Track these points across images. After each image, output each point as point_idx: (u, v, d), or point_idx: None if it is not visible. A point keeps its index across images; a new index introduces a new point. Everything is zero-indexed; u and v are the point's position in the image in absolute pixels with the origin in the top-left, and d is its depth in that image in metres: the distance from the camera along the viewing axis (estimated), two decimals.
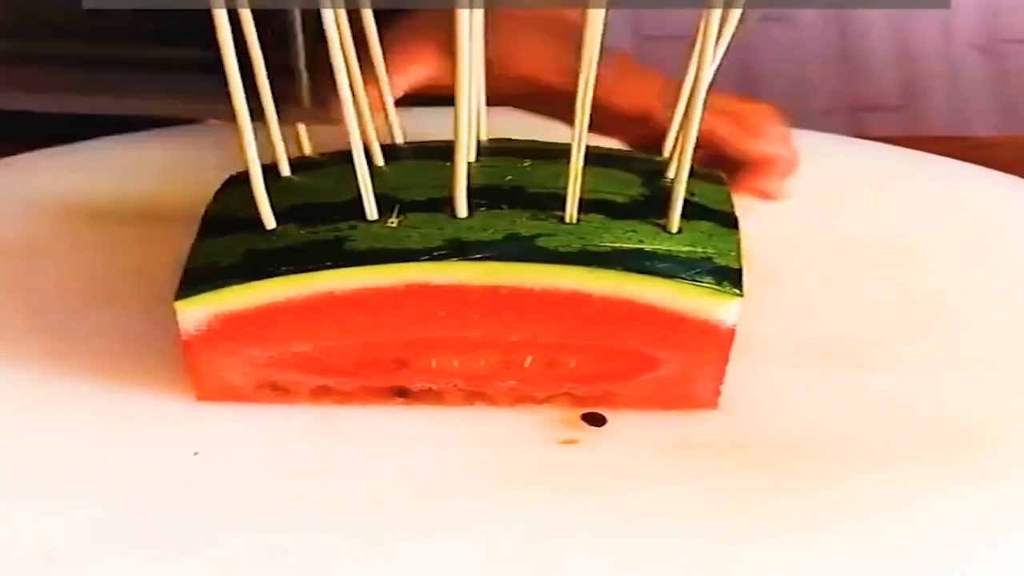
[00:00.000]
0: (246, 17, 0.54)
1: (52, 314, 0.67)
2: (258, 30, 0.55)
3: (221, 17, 0.53)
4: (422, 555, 0.54)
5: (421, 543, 0.55)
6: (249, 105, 0.55)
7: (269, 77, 0.57)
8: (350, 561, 0.54)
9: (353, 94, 0.58)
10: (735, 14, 0.56)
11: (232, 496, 0.57)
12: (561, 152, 0.57)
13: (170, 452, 0.59)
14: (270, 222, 0.58)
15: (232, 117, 0.55)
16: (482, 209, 0.58)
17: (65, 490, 0.58)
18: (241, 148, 0.57)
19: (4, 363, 0.64)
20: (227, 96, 0.54)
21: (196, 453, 0.59)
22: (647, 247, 0.56)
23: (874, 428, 0.62)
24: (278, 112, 0.58)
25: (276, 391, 0.61)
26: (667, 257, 0.56)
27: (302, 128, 0.63)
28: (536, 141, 0.63)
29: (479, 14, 0.57)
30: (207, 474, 0.58)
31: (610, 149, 0.62)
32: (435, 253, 0.56)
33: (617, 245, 0.57)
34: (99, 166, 0.79)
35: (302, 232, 0.58)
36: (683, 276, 0.56)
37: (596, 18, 0.54)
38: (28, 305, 0.68)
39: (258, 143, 0.57)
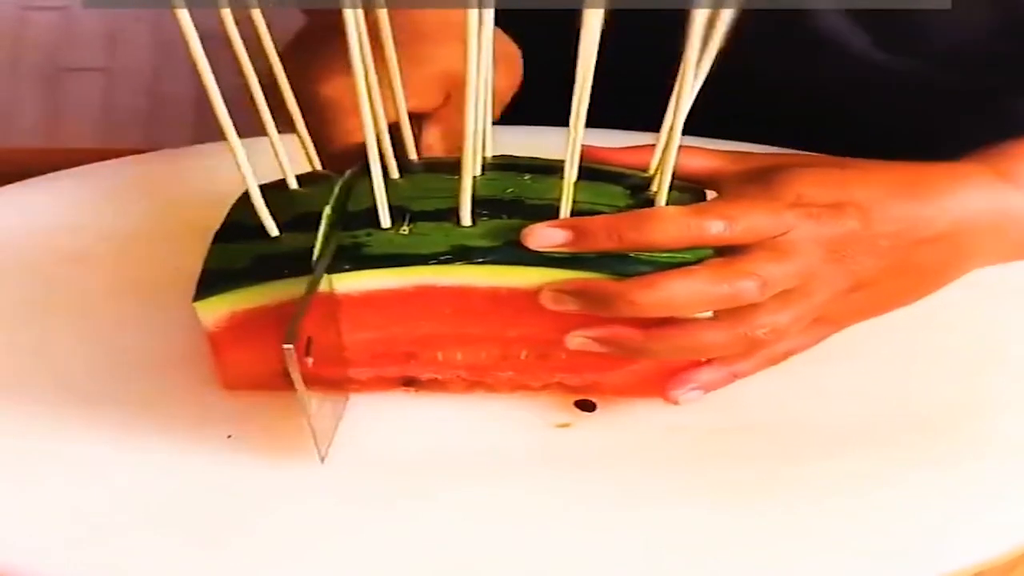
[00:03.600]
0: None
1: (98, 312, 0.70)
2: None
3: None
4: (427, 526, 0.58)
5: (427, 516, 0.58)
6: None
7: None
8: (364, 528, 0.58)
9: (372, 112, 0.60)
10: (720, 29, 0.58)
11: (261, 473, 0.60)
12: (558, 168, 0.60)
13: (206, 434, 0.62)
14: (273, 230, 0.61)
15: None
16: (484, 218, 0.61)
17: (108, 468, 0.61)
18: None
19: (54, 354, 0.67)
20: None
21: (230, 436, 0.62)
22: (631, 252, 0.60)
23: (847, 416, 0.65)
24: None
25: None
26: (649, 261, 0.59)
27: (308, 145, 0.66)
28: (536, 158, 0.65)
29: (489, 15, 0.59)
30: (239, 454, 0.61)
31: (601, 166, 0.65)
32: (442, 258, 0.59)
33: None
34: (140, 180, 0.83)
35: (306, 238, 0.60)
36: None
37: (594, 18, 0.56)
38: (76, 305, 0.71)
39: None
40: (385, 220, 0.61)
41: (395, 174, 0.64)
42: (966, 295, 0.69)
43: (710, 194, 0.66)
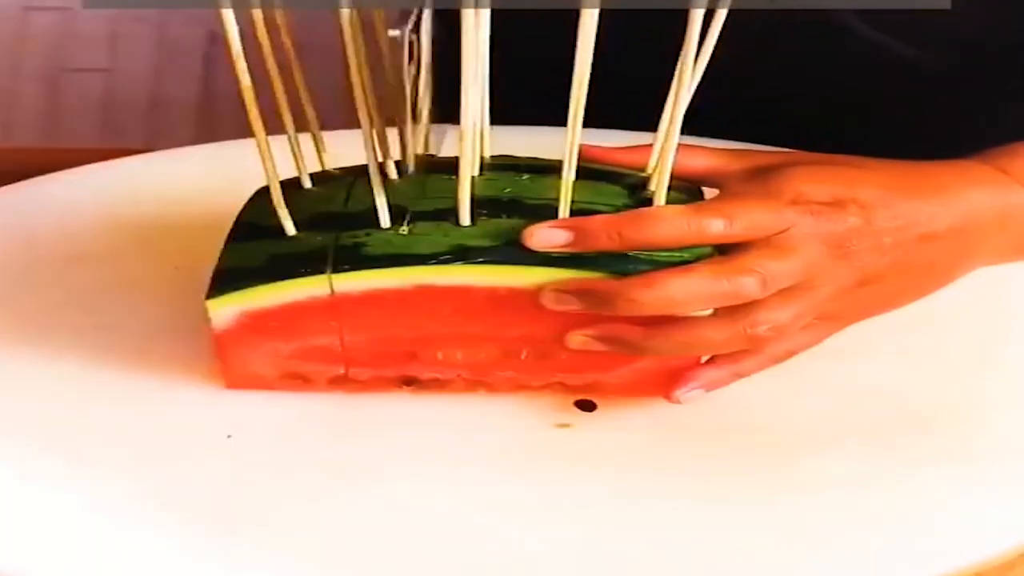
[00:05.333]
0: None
1: (98, 311, 0.70)
2: None
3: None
4: (428, 526, 0.58)
5: (428, 516, 0.58)
6: None
7: None
8: (364, 528, 0.57)
9: (370, 115, 0.61)
10: (716, 27, 0.58)
11: (261, 473, 0.60)
12: (556, 167, 0.61)
13: (205, 434, 0.62)
14: (291, 230, 0.62)
15: None
16: (484, 218, 0.61)
17: (107, 467, 0.60)
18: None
19: (55, 353, 0.67)
20: None
21: (229, 436, 0.62)
22: (631, 251, 0.60)
23: (847, 415, 0.65)
24: None
25: (298, 379, 0.64)
26: (648, 260, 0.59)
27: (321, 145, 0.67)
28: (534, 158, 0.65)
29: (485, 15, 0.58)
30: (238, 454, 0.61)
31: (599, 165, 0.65)
32: (441, 258, 0.59)
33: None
34: (141, 179, 0.83)
35: (322, 238, 0.61)
36: None
37: (591, 18, 0.56)
38: (76, 303, 0.71)
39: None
40: (385, 220, 0.61)
41: (393, 175, 0.64)
42: (966, 294, 0.69)
43: (709, 192, 0.66)
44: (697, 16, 0.57)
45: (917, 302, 0.67)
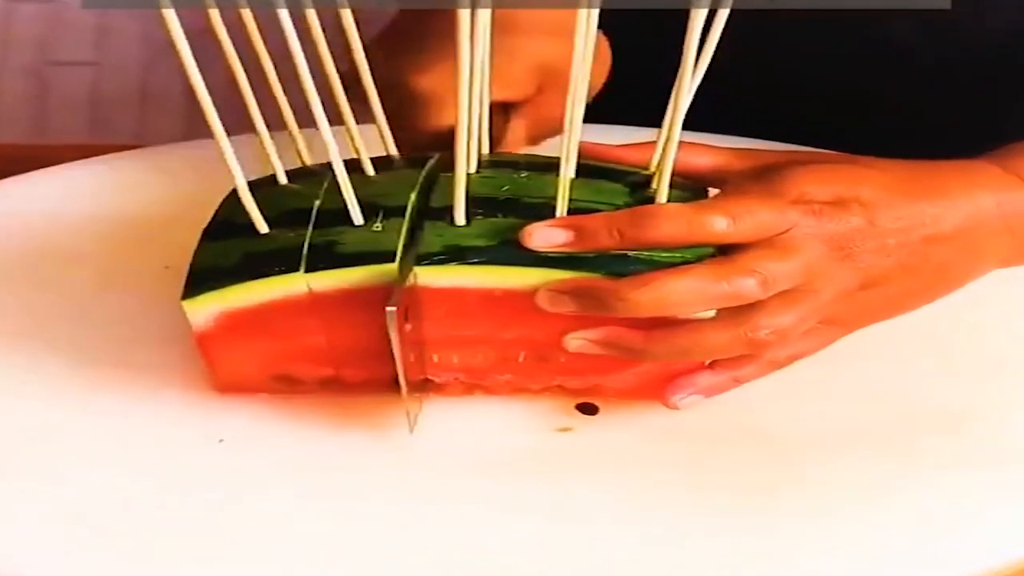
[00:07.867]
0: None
1: (88, 310, 0.70)
2: None
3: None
4: (427, 530, 0.57)
5: (426, 519, 0.57)
6: None
7: None
8: (361, 532, 0.57)
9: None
10: (718, 26, 0.57)
11: (255, 477, 0.60)
12: (555, 165, 0.60)
13: (197, 437, 0.62)
14: (262, 227, 0.61)
15: None
16: (479, 217, 0.60)
17: (101, 470, 0.60)
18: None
19: (44, 353, 0.67)
20: None
21: (221, 440, 0.62)
22: (630, 252, 0.59)
23: (852, 420, 0.64)
24: None
25: (289, 382, 0.63)
26: (648, 261, 0.58)
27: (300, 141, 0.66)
28: (533, 155, 0.64)
29: (485, 15, 0.58)
30: (232, 458, 0.61)
31: (600, 163, 0.64)
32: (436, 258, 0.58)
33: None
34: (131, 176, 0.83)
35: (296, 235, 0.60)
36: None
37: (591, 18, 0.56)
38: (66, 303, 0.71)
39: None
40: (356, 216, 0.60)
41: (370, 171, 0.64)
42: (976, 296, 0.68)
43: (714, 192, 0.65)
44: (699, 15, 0.56)
45: (926, 305, 0.66)
